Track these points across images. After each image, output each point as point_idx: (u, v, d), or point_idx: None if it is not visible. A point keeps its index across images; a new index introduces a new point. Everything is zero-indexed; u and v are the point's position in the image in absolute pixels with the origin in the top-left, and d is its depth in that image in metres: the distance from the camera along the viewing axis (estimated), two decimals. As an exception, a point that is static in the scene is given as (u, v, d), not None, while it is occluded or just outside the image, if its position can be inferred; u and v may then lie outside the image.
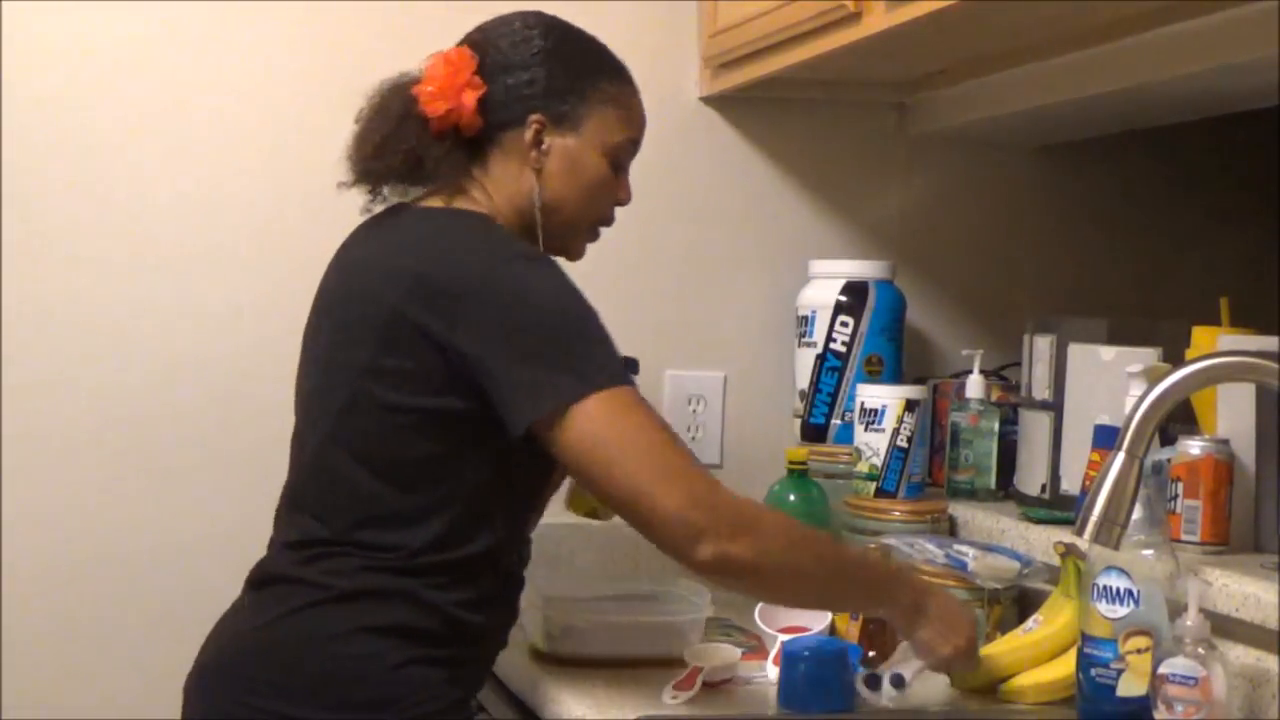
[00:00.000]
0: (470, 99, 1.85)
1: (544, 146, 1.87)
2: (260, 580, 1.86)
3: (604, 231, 1.97)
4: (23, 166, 2.48)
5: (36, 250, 2.49)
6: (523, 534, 1.91)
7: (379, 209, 1.91)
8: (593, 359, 1.72)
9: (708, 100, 2.71)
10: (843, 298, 2.56)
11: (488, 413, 1.73)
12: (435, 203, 1.88)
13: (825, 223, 2.76)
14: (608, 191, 1.93)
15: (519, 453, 1.76)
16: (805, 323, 2.60)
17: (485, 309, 1.71)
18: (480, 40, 1.90)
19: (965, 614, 1.91)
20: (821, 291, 2.59)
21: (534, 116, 1.86)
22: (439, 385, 1.74)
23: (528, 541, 1.93)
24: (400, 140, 1.84)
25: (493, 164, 1.88)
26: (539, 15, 1.93)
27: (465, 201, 1.87)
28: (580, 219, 1.92)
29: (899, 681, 1.87)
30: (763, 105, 2.72)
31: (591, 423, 1.69)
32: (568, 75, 1.89)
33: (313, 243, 2.01)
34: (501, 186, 1.87)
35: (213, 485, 2.55)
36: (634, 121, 1.95)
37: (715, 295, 2.72)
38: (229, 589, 1.90)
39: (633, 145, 1.95)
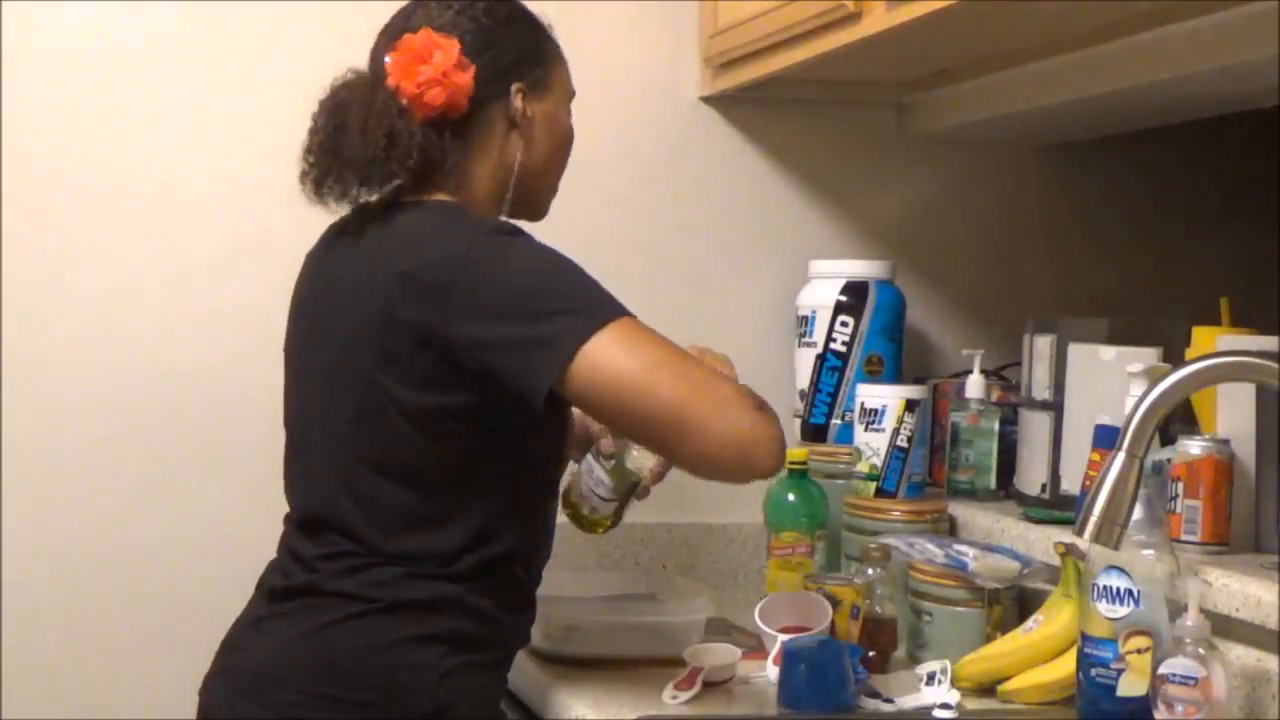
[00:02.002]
0: (467, 82, 1.81)
1: (528, 114, 1.86)
2: (287, 592, 1.80)
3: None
4: (23, 166, 2.48)
5: (37, 251, 2.49)
6: (547, 523, 1.89)
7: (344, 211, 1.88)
8: (590, 297, 1.70)
9: (708, 100, 2.71)
10: (843, 298, 2.56)
11: (496, 401, 1.70)
12: (412, 197, 1.83)
13: (825, 223, 2.76)
14: (571, 142, 1.95)
15: (530, 437, 1.75)
16: (805, 323, 2.60)
17: (473, 291, 1.69)
18: (442, 22, 1.84)
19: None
20: (821, 291, 2.59)
21: (516, 86, 1.86)
22: (444, 381, 1.71)
23: (551, 535, 1.91)
24: (408, 136, 1.78)
25: (474, 143, 1.85)
26: None
27: (437, 189, 1.83)
28: (556, 177, 1.95)
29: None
30: (763, 105, 2.71)
31: (611, 356, 1.66)
32: (530, 39, 1.89)
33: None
34: (482, 163, 1.85)
35: (213, 486, 2.55)
36: (568, 67, 1.96)
37: (715, 295, 2.72)
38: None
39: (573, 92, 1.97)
